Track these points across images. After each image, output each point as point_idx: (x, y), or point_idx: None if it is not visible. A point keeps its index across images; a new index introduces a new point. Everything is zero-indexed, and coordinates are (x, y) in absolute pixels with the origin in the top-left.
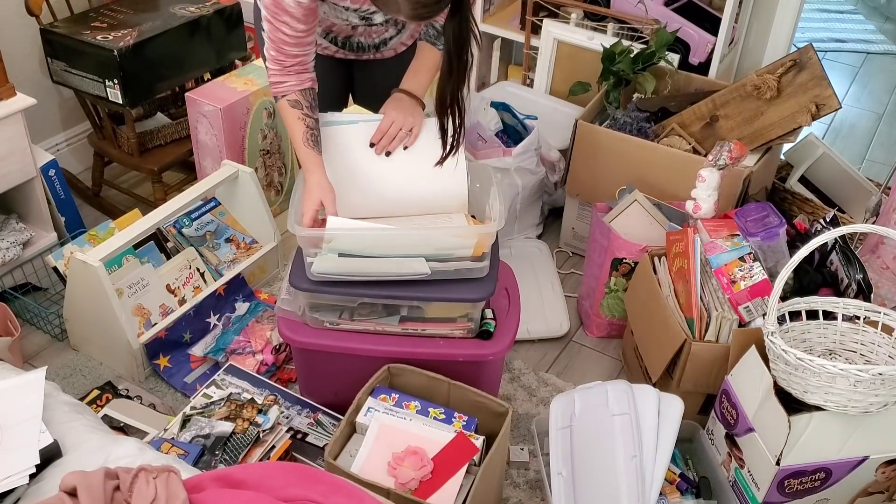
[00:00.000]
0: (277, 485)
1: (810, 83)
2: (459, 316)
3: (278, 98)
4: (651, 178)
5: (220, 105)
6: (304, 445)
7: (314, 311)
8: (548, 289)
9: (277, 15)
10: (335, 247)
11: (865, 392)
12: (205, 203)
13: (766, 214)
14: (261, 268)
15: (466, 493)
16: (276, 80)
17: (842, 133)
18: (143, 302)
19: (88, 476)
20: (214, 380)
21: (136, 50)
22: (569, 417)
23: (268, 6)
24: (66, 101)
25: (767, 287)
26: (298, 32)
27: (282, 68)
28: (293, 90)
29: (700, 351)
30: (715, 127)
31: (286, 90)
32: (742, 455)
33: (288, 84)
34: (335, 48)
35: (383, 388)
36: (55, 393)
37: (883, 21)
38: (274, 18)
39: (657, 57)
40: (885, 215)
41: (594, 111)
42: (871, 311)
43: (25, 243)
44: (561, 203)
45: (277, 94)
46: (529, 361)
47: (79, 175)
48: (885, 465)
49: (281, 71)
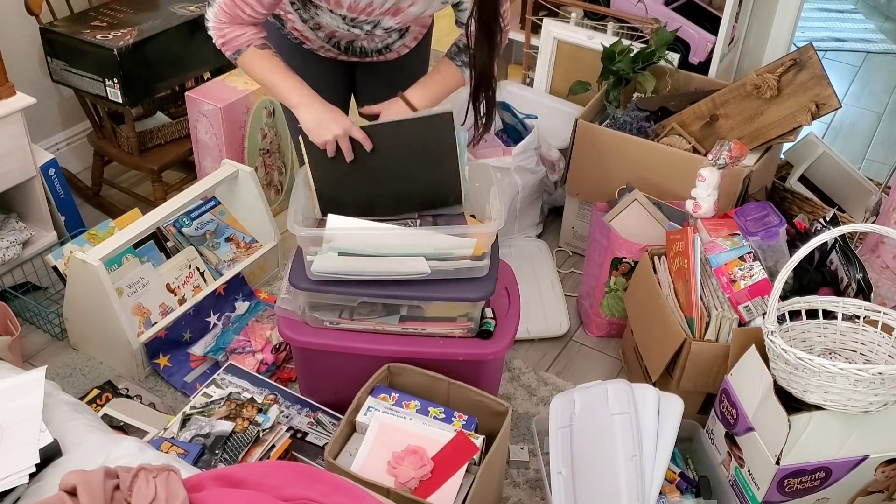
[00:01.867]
0: (277, 484)
1: (810, 82)
2: (459, 315)
3: (242, 50)
4: (651, 178)
5: (219, 104)
6: (304, 445)
7: (314, 310)
8: (548, 288)
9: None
10: (335, 246)
11: (865, 391)
12: (205, 202)
13: (765, 214)
14: (261, 267)
15: (466, 492)
16: (234, 35)
17: (842, 132)
18: (143, 301)
19: (88, 475)
20: (214, 379)
21: (135, 49)
22: (569, 417)
23: None
24: (65, 101)
25: (767, 286)
26: (258, 14)
27: (238, 25)
28: (256, 37)
29: (700, 350)
30: (715, 126)
31: (249, 39)
32: (742, 454)
33: (248, 34)
34: (337, 52)
35: (383, 388)
36: (55, 392)
37: (883, 20)
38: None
39: (657, 56)
40: (884, 215)
41: (594, 110)
42: (871, 311)
43: (25, 242)
44: (561, 202)
45: (240, 45)
46: (529, 361)
47: (78, 174)
48: (885, 464)
49: (237, 26)
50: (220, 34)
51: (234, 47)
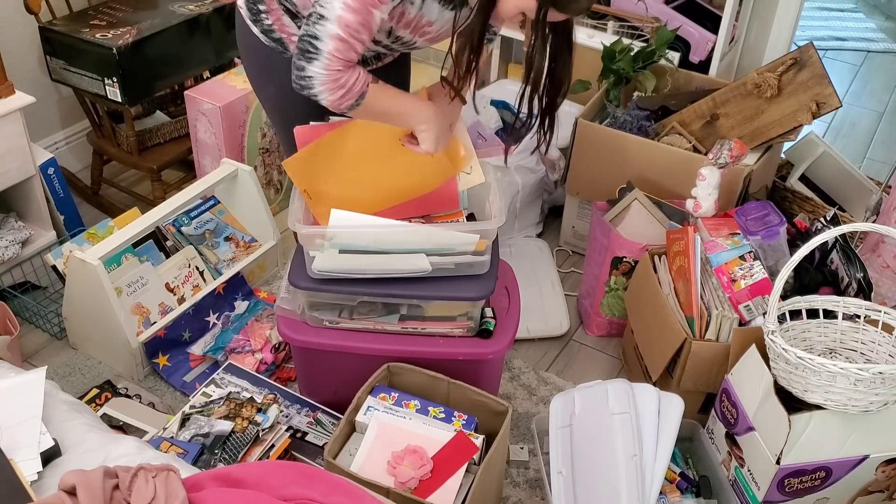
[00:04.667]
0: (277, 484)
1: (811, 81)
2: (459, 314)
3: (365, 93)
4: (651, 177)
5: (219, 103)
6: (304, 444)
7: (313, 309)
8: (548, 287)
9: (357, 33)
10: (338, 242)
11: (866, 391)
12: (204, 201)
13: (766, 213)
14: (260, 266)
15: (466, 492)
16: (352, 80)
17: (842, 131)
18: (143, 300)
19: (88, 475)
20: (214, 378)
21: (135, 48)
22: (569, 416)
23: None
24: (65, 100)
25: (768, 286)
26: (368, 45)
27: (349, 67)
28: (366, 73)
29: (700, 350)
30: (715, 125)
31: (365, 78)
32: (742, 454)
33: (362, 73)
34: None
35: (383, 387)
36: (54, 392)
37: (883, 19)
38: (352, 36)
39: (657, 55)
40: (885, 214)
41: (594, 110)
42: (872, 310)
43: (24, 242)
44: (561, 202)
45: (362, 89)
46: (529, 360)
47: (78, 173)
48: (885, 463)
49: (350, 68)
50: (338, 86)
51: (356, 94)
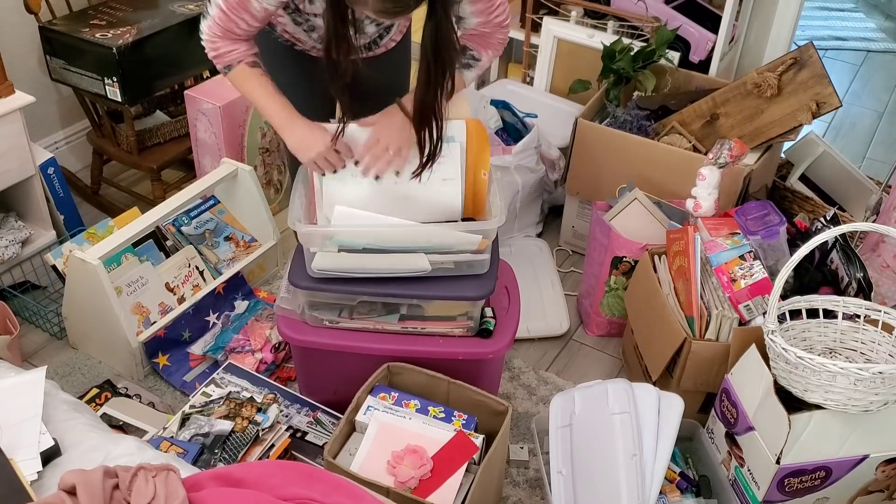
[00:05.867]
0: (277, 483)
1: (811, 81)
2: (459, 314)
3: (232, 66)
4: (651, 177)
5: (219, 103)
6: (304, 444)
7: (313, 309)
8: (548, 287)
9: (236, 11)
10: (338, 240)
11: (865, 391)
12: (204, 201)
13: (766, 213)
14: (260, 266)
15: (466, 491)
16: (226, 49)
17: (842, 131)
18: (142, 300)
19: (87, 475)
20: (214, 378)
21: (135, 48)
22: (569, 416)
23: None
24: (64, 99)
25: (768, 285)
26: (251, 28)
27: (231, 40)
28: (247, 54)
29: (700, 349)
30: (715, 125)
31: (240, 56)
32: (742, 454)
33: (240, 50)
34: None
35: (383, 387)
36: (54, 391)
37: (883, 19)
38: (231, 12)
39: (657, 55)
40: (885, 214)
41: (594, 109)
42: (872, 310)
43: (24, 241)
44: (561, 201)
45: (231, 61)
46: (529, 360)
47: (77, 173)
48: (885, 463)
49: (231, 40)
50: (212, 47)
51: (225, 62)
